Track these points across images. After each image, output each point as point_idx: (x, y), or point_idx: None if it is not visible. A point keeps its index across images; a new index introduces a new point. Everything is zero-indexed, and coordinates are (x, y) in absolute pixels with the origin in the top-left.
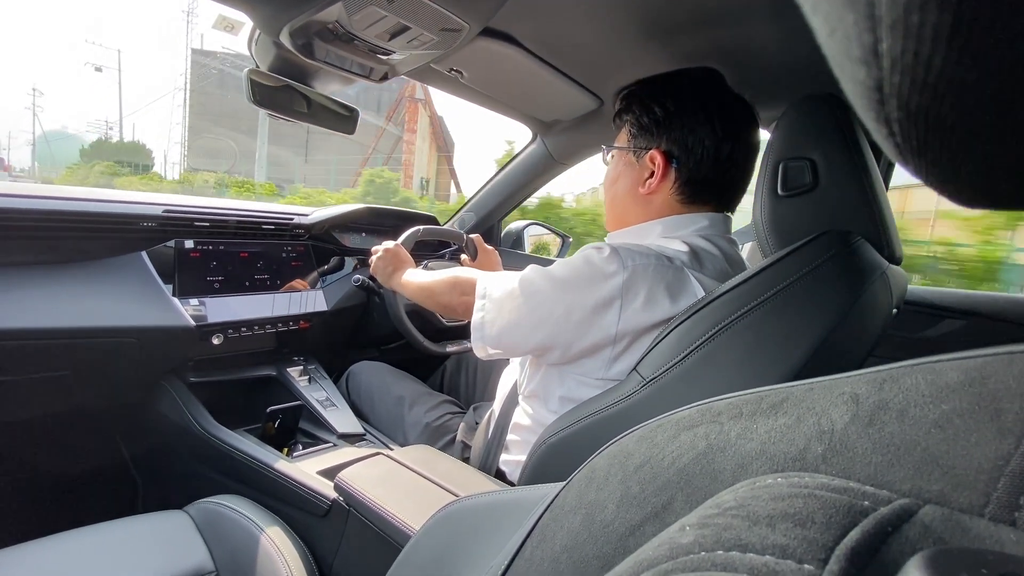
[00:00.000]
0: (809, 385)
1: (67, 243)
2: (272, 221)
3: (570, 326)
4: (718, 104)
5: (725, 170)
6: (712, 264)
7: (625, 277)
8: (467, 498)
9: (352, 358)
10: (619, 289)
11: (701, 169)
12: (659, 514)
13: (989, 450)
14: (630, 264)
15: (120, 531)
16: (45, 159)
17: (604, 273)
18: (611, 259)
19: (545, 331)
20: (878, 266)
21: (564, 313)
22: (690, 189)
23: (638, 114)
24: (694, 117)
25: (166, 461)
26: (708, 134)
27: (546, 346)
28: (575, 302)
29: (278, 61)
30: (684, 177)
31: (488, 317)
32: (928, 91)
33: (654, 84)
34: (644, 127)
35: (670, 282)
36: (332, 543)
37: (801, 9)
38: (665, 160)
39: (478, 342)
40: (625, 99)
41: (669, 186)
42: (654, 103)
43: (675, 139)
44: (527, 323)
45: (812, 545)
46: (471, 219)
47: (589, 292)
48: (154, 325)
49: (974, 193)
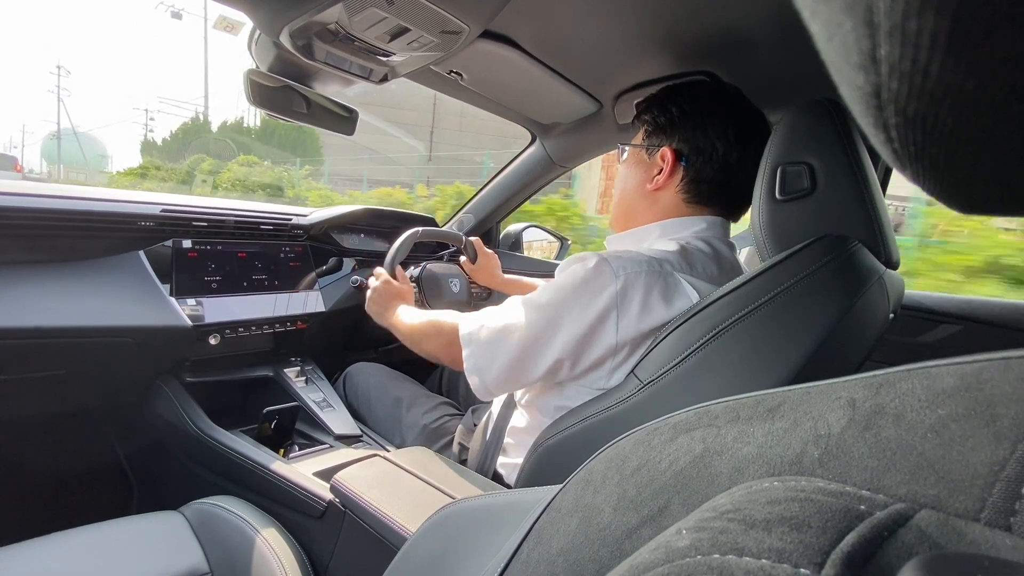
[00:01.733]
0: (806, 389)
1: (64, 242)
2: (270, 221)
3: (572, 347)
4: (735, 111)
5: (733, 175)
6: (703, 265)
7: (619, 287)
8: (464, 500)
9: (349, 359)
10: (614, 299)
11: (708, 170)
12: (656, 517)
13: (985, 455)
14: (622, 273)
15: (114, 532)
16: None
17: (596, 286)
18: (601, 270)
19: (548, 359)
20: (875, 270)
21: (563, 336)
22: (696, 189)
23: (656, 114)
24: (709, 120)
25: (161, 462)
26: (720, 137)
27: (552, 371)
28: (573, 322)
29: (278, 62)
30: (691, 175)
31: (483, 363)
32: (926, 97)
33: (676, 89)
34: (659, 126)
35: (663, 287)
36: (328, 545)
37: (800, 15)
38: (675, 157)
39: (479, 388)
40: (646, 101)
41: (676, 184)
42: (672, 104)
43: (687, 138)
44: (528, 358)
45: (808, 549)
46: (470, 221)
47: (585, 308)
48: (151, 325)
49: (971, 199)
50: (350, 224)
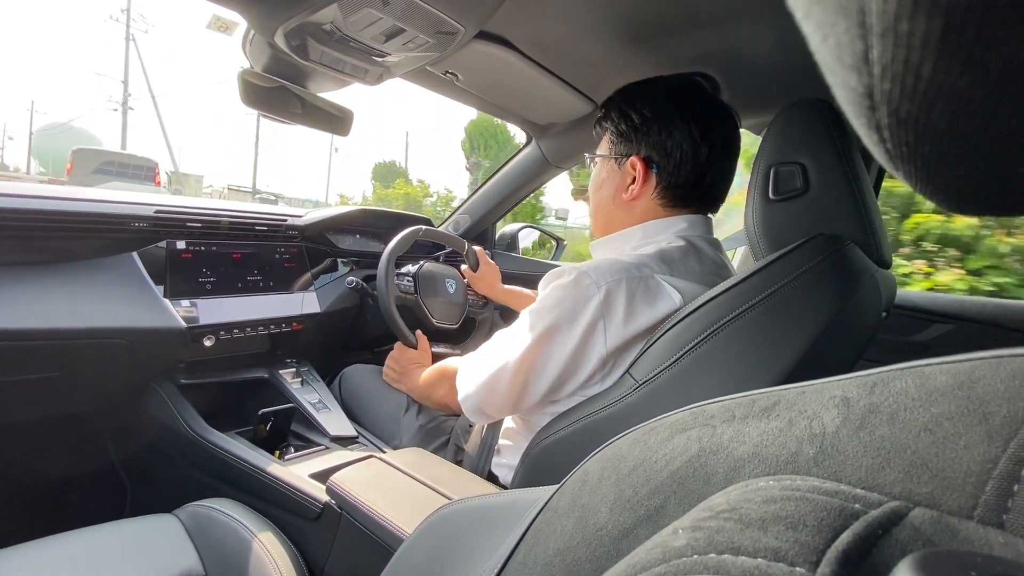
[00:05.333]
0: (801, 388)
1: (56, 243)
2: (265, 222)
3: (569, 367)
4: (694, 108)
5: (705, 173)
6: (683, 265)
7: (601, 298)
8: (460, 501)
9: (345, 360)
10: (599, 310)
11: (681, 173)
12: (652, 517)
13: (977, 453)
14: (603, 283)
15: (108, 535)
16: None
17: (579, 301)
18: (580, 284)
19: (546, 382)
20: (868, 270)
21: (556, 357)
22: (671, 193)
23: (616, 121)
24: (671, 122)
25: (155, 464)
26: (685, 138)
27: (552, 391)
28: (564, 341)
29: (272, 62)
30: (665, 182)
31: (484, 402)
32: (918, 98)
33: (630, 91)
34: (623, 134)
35: (644, 291)
36: (324, 547)
37: (794, 16)
38: (645, 166)
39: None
40: (604, 106)
41: (651, 191)
42: (631, 110)
43: (653, 144)
44: (526, 388)
45: (804, 548)
46: (466, 222)
47: (572, 326)
48: (144, 326)
49: (962, 199)
50: (345, 225)
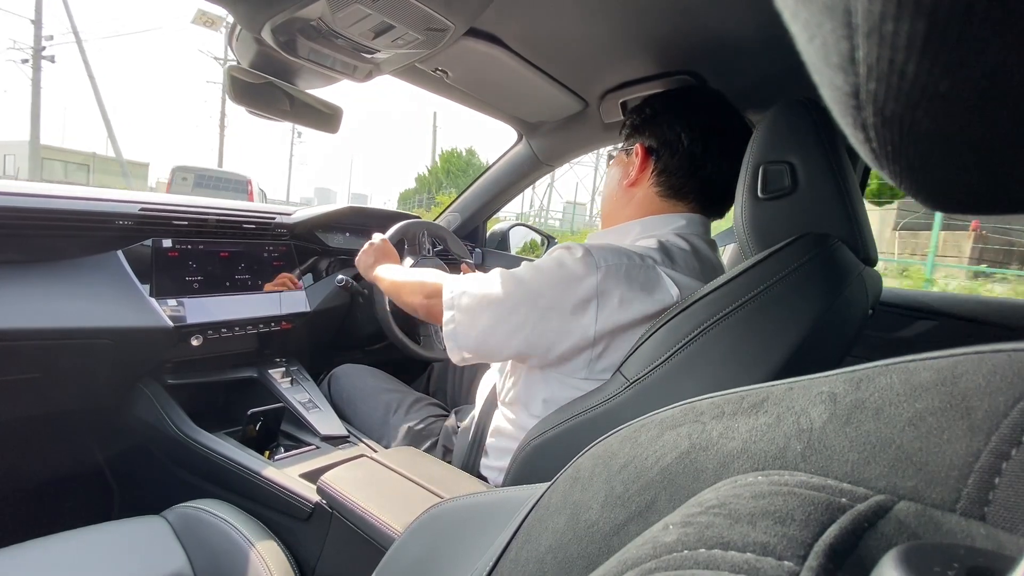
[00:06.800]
0: (789, 384)
1: (39, 242)
2: (253, 220)
3: (548, 331)
4: (704, 107)
5: (700, 166)
6: (684, 260)
7: (599, 278)
8: (451, 500)
9: (335, 359)
10: (594, 289)
11: (675, 162)
12: (643, 513)
13: (960, 447)
14: (603, 264)
15: (95, 537)
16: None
17: (578, 274)
18: (584, 260)
19: (522, 337)
20: (854, 267)
21: (540, 318)
22: (667, 182)
23: (633, 117)
24: (676, 115)
25: (143, 465)
26: (683, 130)
27: (524, 352)
28: (551, 306)
29: (259, 58)
30: (660, 167)
31: (461, 328)
32: (903, 98)
33: (657, 93)
34: (635, 126)
35: (644, 280)
36: (315, 547)
37: (781, 16)
38: (645, 152)
39: (453, 350)
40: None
41: (648, 177)
42: (647, 106)
43: (655, 134)
44: (503, 331)
45: (792, 542)
46: (456, 220)
47: (564, 295)
48: (130, 326)
49: (947, 198)
50: (334, 223)
